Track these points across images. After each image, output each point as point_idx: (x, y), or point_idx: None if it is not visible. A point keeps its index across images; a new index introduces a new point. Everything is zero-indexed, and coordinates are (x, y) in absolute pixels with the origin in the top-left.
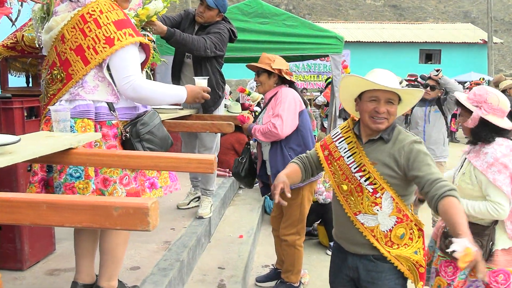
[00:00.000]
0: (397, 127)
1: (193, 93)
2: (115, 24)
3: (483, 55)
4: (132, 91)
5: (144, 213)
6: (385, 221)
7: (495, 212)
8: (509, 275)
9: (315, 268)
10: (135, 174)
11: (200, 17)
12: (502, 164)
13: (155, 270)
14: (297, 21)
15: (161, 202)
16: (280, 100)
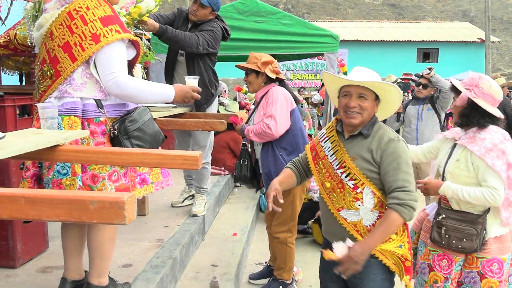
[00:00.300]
0: (378, 123)
1: (181, 93)
2: (102, 20)
3: (481, 54)
4: (116, 88)
5: (120, 207)
6: (367, 216)
7: (491, 197)
8: (502, 263)
9: (309, 265)
10: (125, 170)
11: (194, 15)
12: (500, 150)
13: (147, 268)
14: (292, 20)
15: (155, 200)
16: (272, 100)
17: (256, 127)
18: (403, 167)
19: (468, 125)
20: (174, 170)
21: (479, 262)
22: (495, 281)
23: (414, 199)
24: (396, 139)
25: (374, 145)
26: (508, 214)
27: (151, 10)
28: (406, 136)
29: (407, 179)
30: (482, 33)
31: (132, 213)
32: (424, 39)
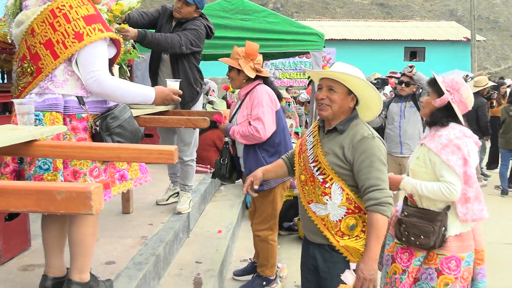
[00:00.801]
0: (357, 120)
1: (162, 95)
2: (85, 19)
3: (467, 52)
4: (97, 86)
5: (87, 197)
6: (335, 211)
7: (448, 192)
8: (460, 261)
9: (294, 262)
10: (105, 166)
11: (178, 12)
12: (455, 146)
13: (130, 264)
14: (278, 18)
15: (140, 199)
16: (258, 102)
17: (243, 129)
18: (376, 165)
19: (435, 124)
20: (160, 168)
21: (438, 258)
22: (451, 278)
23: (389, 195)
24: (369, 136)
25: (347, 141)
26: (465, 210)
27: (133, 7)
28: (389, 133)
29: (380, 177)
30: (468, 32)
31: (99, 203)
32: (411, 38)
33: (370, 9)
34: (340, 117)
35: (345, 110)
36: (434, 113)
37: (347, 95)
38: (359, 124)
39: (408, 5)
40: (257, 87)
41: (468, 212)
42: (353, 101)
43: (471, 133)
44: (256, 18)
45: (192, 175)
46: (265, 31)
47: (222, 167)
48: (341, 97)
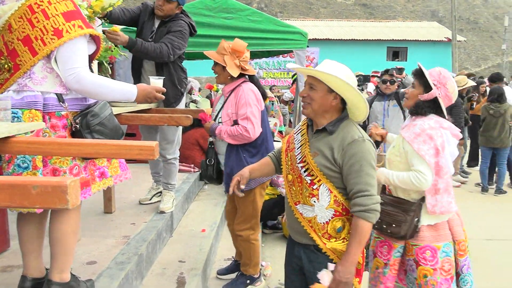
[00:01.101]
0: (347, 121)
1: (144, 93)
2: (64, 15)
3: (448, 52)
4: (76, 83)
5: (63, 191)
6: (322, 213)
7: (417, 180)
8: (435, 250)
9: (278, 260)
10: (85, 164)
11: (160, 10)
12: (428, 135)
13: (112, 264)
14: (261, 17)
15: (123, 198)
16: (246, 101)
17: (232, 129)
18: (365, 169)
19: (417, 113)
20: (143, 167)
21: (413, 249)
22: (428, 269)
23: (376, 202)
24: (360, 139)
25: (336, 143)
26: (434, 201)
27: (114, 4)
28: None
29: (369, 182)
30: (449, 33)
31: (75, 197)
32: (394, 38)
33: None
34: (326, 116)
35: (327, 108)
36: (418, 103)
37: (327, 93)
38: (349, 125)
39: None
40: (243, 85)
41: (437, 203)
42: (336, 100)
43: (449, 125)
44: (240, 16)
45: (175, 174)
46: (248, 30)
47: (209, 168)
48: (320, 95)
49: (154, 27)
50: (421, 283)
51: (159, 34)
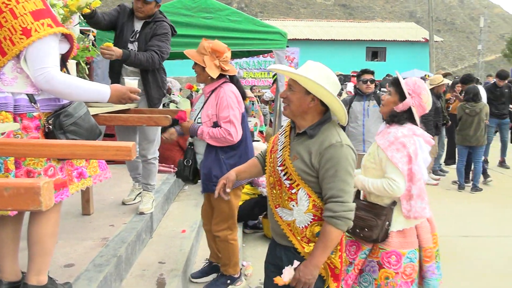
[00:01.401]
0: (329, 124)
1: (118, 93)
2: (32, 14)
3: (425, 53)
4: (46, 83)
5: (36, 193)
6: (301, 218)
7: (390, 188)
8: (400, 256)
9: (259, 260)
10: (61, 164)
11: (140, 12)
12: (401, 143)
13: (90, 267)
14: (241, 17)
15: (101, 200)
16: (227, 104)
17: (215, 131)
18: (340, 175)
19: (393, 122)
20: (122, 168)
21: (380, 252)
22: (391, 272)
23: (348, 209)
24: (338, 144)
25: (315, 147)
26: (409, 207)
27: (90, 3)
28: (351, 131)
29: (343, 188)
30: (427, 33)
31: (49, 199)
32: (373, 38)
33: (333, 10)
34: (306, 118)
35: (305, 110)
36: (394, 113)
37: (304, 95)
38: (329, 129)
39: (369, 7)
40: (224, 86)
41: (411, 209)
42: (314, 102)
43: (421, 132)
44: (219, 16)
45: (155, 174)
46: (228, 30)
47: (186, 168)
48: (298, 97)
49: (134, 28)
50: (381, 284)
51: (143, 36)
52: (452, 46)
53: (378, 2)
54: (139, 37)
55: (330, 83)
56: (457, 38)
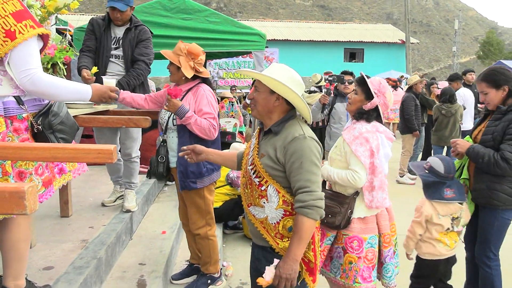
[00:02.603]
0: (293, 120)
1: (99, 92)
2: (14, 16)
3: (402, 54)
4: (31, 85)
5: (21, 197)
6: (272, 214)
7: (353, 179)
8: (362, 241)
9: (239, 260)
10: (46, 162)
11: (119, 20)
12: (364, 138)
13: (69, 269)
14: (219, 18)
15: (80, 202)
16: (208, 101)
17: (203, 121)
18: (306, 166)
19: (361, 119)
20: (100, 169)
21: (343, 238)
22: (354, 256)
23: (317, 198)
24: (301, 137)
25: (279, 143)
26: (371, 197)
27: (68, 4)
28: (335, 132)
29: (310, 179)
30: (403, 35)
31: (34, 202)
32: (351, 39)
33: (312, 11)
34: (272, 117)
35: (271, 109)
36: (362, 111)
37: (269, 94)
38: (293, 125)
39: (347, 8)
40: (202, 85)
41: (373, 199)
42: (279, 101)
43: (384, 129)
44: (198, 17)
45: (137, 172)
46: (207, 31)
47: (160, 165)
48: (262, 97)
49: (115, 35)
50: (346, 269)
51: (128, 42)
52: (428, 47)
53: (356, 4)
54: (123, 44)
55: (293, 83)
56: (433, 39)
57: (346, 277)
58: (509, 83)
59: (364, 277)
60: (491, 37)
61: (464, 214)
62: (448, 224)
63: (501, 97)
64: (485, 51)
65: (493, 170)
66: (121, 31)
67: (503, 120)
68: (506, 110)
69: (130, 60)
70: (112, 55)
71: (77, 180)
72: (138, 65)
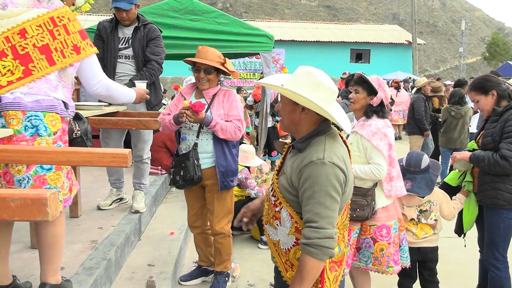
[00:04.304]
0: (320, 138)
1: (139, 95)
2: (80, 33)
3: (408, 55)
4: (106, 91)
5: (43, 204)
6: (284, 239)
7: (377, 171)
8: (389, 228)
9: (246, 261)
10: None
11: (126, 20)
12: (383, 133)
13: (80, 270)
14: (228, 19)
15: (88, 202)
16: (237, 104)
17: (227, 125)
18: (318, 197)
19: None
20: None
21: (371, 229)
22: (385, 244)
23: (324, 237)
24: (318, 161)
25: (296, 164)
26: (390, 187)
27: (79, 7)
28: None
29: (320, 213)
30: (410, 36)
31: (55, 209)
32: (357, 40)
33: (318, 11)
34: (301, 131)
35: (297, 122)
36: (371, 108)
37: (293, 105)
38: (318, 143)
39: (353, 8)
40: (228, 90)
41: (392, 189)
42: (304, 112)
43: (390, 124)
44: (206, 18)
45: (148, 173)
46: (215, 32)
47: (198, 168)
48: (287, 109)
49: (123, 35)
50: (378, 256)
51: (137, 41)
52: (434, 48)
53: (362, 4)
54: (133, 43)
55: (319, 90)
56: (439, 40)
57: (379, 264)
58: (495, 87)
59: (395, 260)
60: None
61: (434, 208)
62: (413, 215)
63: (491, 102)
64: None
65: (495, 171)
66: (130, 31)
67: (500, 121)
68: (501, 112)
69: (141, 59)
70: (121, 56)
71: (85, 181)
72: (151, 65)
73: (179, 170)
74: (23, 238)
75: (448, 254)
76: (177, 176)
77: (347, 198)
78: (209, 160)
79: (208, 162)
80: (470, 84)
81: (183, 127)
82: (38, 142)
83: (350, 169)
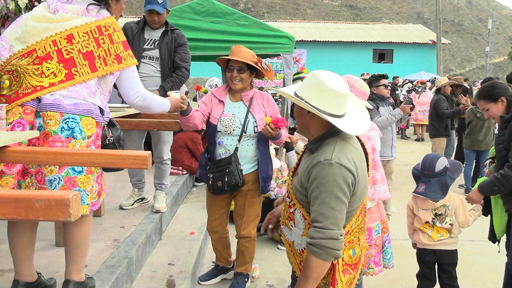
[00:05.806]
0: (331, 139)
1: (174, 104)
2: (123, 44)
3: (433, 55)
4: (143, 101)
5: (66, 205)
6: (298, 240)
7: None
8: (371, 230)
9: (266, 262)
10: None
11: (156, 23)
12: (366, 136)
13: (102, 268)
14: (249, 21)
15: (110, 202)
16: (276, 108)
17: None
18: (323, 197)
19: None
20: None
21: None
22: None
23: (328, 237)
24: (325, 162)
25: (306, 164)
26: (373, 190)
27: None
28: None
29: (324, 213)
30: (434, 35)
31: (77, 210)
32: (380, 40)
33: (340, 11)
34: (311, 133)
35: (306, 124)
36: None
37: (301, 109)
38: (329, 144)
39: (376, 8)
40: (262, 92)
41: (376, 192)
42: (310, 115)
43: (376, 127)
44: (227, 20)
45: (168, 174)
46: (236, 34)
47: (240, 173)
48: (297, 113)
49: (149, 37)
50: None
51: (165, 45)
52: (460, 47)
53: (385, 3)
54: (160, 45)
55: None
56: (465, 39)
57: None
58: (504, 94)
59: (376, 262)
60: None
61: (449, 213)
62: (428, 217)
63: (502, 108)
64: None
65: (510, 187)
66: (157, 34)
67: (508, 127)
68: (509, 118)
69: (166, 62)
70: (146, 56)
71: (108, 180)
72: (181, 71)
73: (222, 176)
74: (48, 236)
75: (473, 258)
76: (218, 182)
77: (359, 200)
78: (248, 165)
79: (247, 167)
80: (476, 93)
81: (222, 131)
82: (73, 144)
83: (363, 171)
